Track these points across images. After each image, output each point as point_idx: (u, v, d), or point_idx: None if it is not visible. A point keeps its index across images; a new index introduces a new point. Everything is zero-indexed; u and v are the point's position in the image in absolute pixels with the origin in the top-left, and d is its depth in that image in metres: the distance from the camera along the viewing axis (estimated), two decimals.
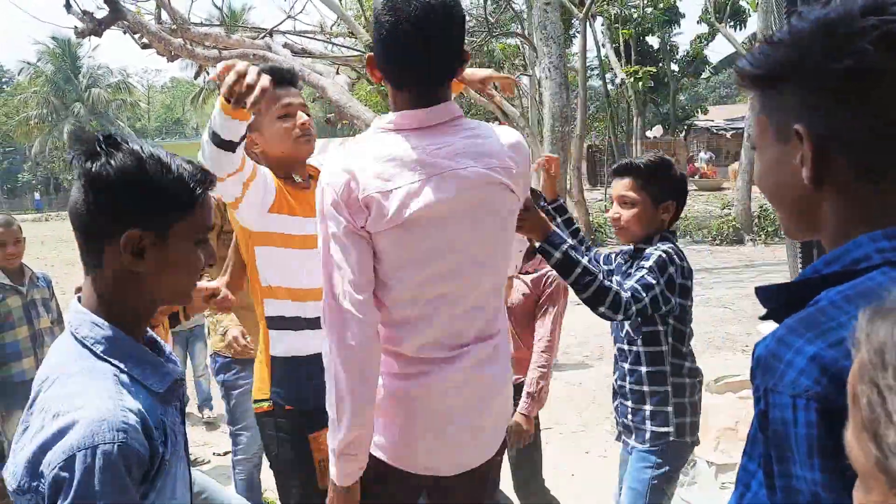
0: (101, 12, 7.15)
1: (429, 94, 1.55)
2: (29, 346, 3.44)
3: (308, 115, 2.16)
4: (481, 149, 1.57)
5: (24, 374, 3.36)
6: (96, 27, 7.06)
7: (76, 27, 7.12)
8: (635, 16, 21.32)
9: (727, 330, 7.01)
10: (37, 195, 44.00)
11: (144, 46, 7.85)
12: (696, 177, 31.53)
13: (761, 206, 15.43)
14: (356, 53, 9.92)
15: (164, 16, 8.26)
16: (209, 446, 4.75)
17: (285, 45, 9.52)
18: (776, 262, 10.31)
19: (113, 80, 47.05)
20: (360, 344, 1.50)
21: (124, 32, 7.83)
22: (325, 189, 1.52)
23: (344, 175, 1.50)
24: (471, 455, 1.67)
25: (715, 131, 35.43)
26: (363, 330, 1.50)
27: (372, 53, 1.56)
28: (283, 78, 2.11)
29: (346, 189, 1.49)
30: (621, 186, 2.26)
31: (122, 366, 1.17)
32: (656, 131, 35.47)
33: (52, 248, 19.96)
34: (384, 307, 1.57)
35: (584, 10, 13.85)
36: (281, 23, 9.20)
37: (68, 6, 7.17)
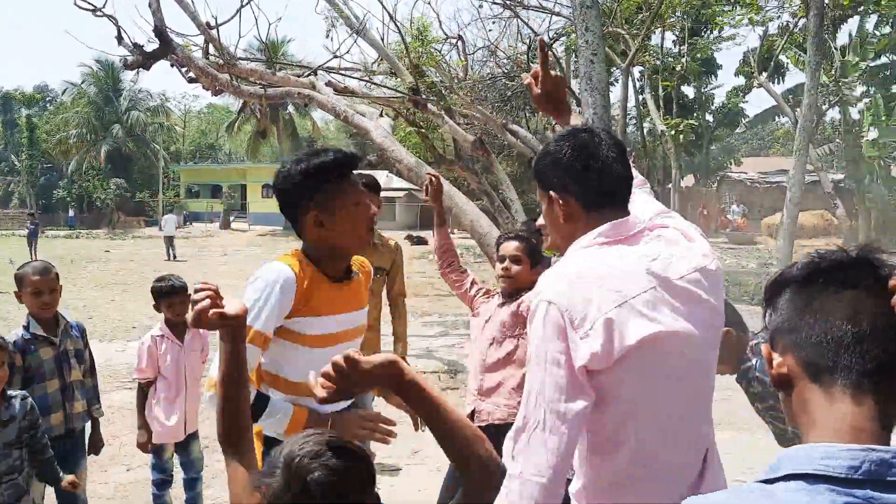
0: (151, 45, 7.17)
1: (624, 211, 1.60)
2: (59, 399, 3.27)
3: (377, 205, 2.18)
4: (682, 252, 1.55)
5: (52, 429, 3.18)
6: (145, 60, 7.07)
7: (125, 59, 7.14)
8: (677, 67, 21.22)
9: None
10: (70, 212, 44.69)
11: (191, 80, 7.85)
12: (728, 229, 31.17)
13: None
14: (398, 96, 9.88)
15: (211, 50, 8.28)
16: None
17: (328, 84, 9.51)
18: None
19: (152, 104, 48.00)
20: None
21: (172, 66, 7.85)
22: (547, 321, 1.41)
23: (570, 293, 1.42)
24: None
25: (748, 183, 35.06)
26: (543, 494, 1.37)
27: (558, 193, 1.58)
28: (356, 164, 2.12)
29: (574, 316, 1.40)
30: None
31: None
32: (687, 181, 35.20)
33: (83, 267, 20.06)
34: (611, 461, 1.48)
35: (628, 60, 13.76)
36: (327, 62, 9.20)
37: (119, 38, 7.20)
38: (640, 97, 22.10)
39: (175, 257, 22.88)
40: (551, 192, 1.58)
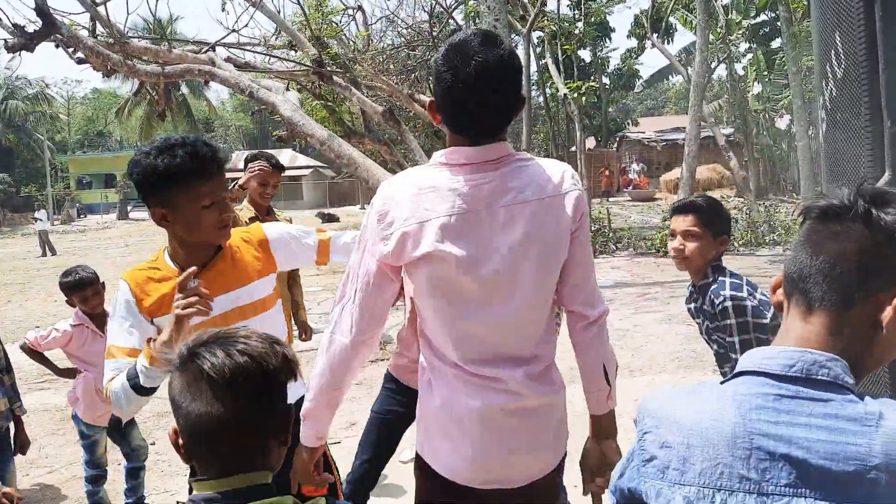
0: (34, 26, 6.70)
1: (483, 139, 1.62)
2: None
3: (231, 205, 2.03)
4: (526, 180, 1.61)
5: None
6: (28, 42, 6.61)
7: (6, 41, 6.65)
8: (574, 31, 21.63)
9: (694, 348, 6.89)
10: None
11: (80, 61, 7.41)
12: (630, 187, 32.32)
13: None
14: (302, 68, 9.65)
15: (99, 29, 7.82)
16: None
17: (228, 59, 9.17)
18: None
19: (31, 92, 44.90)
20: (337, 359, 1.71)
21: (57, 47, 7.37)
22: (371, 213, 1.67)
23: (386, 204, 1.63)
24: (520, 470, 1.69)
25: (646, 143, 36.37)
26: (344, 353, 1.71)
27: (433, 98, 1.64)
28: (212, 166, 1.92)
29: (385, 218, 1.62)
30: (686, 223, 2.44)
31: None
32: (589, 143, 36.18)
33: None
34: (422, 326, 1.73)
35: (528, 25, 13.91)
36: (224, 37, 8.87)
37: None
38: (542, 62, 22.43)
39: (49, 253, 21.84)
40: (432, 98, 1.66)
